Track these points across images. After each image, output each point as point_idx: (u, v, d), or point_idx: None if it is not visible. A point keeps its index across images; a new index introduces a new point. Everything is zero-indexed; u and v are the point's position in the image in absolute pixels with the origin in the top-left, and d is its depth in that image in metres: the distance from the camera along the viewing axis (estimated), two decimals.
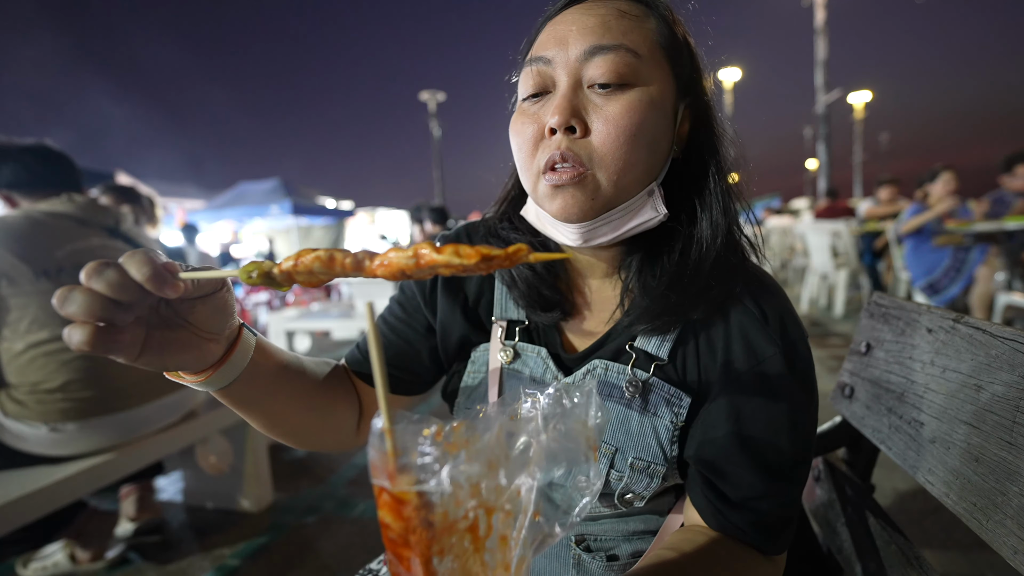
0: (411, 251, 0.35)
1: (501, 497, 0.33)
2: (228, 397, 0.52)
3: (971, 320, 0.58)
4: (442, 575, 0.31)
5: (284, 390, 0.56)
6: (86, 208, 1.60)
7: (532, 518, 0.35)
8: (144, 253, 0.38)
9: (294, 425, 0.60)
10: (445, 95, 19.49)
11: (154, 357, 0.42)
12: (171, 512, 2.03)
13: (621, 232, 0.54)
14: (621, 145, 0.50)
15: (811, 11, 13.52)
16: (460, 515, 0.31)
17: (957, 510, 0.55)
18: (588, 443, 0.36)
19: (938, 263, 3.90)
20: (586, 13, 0.52)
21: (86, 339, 0.36)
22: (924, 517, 1.73)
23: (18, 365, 1.44)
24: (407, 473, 0.30)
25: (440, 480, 0.30)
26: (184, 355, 0.44)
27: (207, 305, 0.44)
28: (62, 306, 0.36)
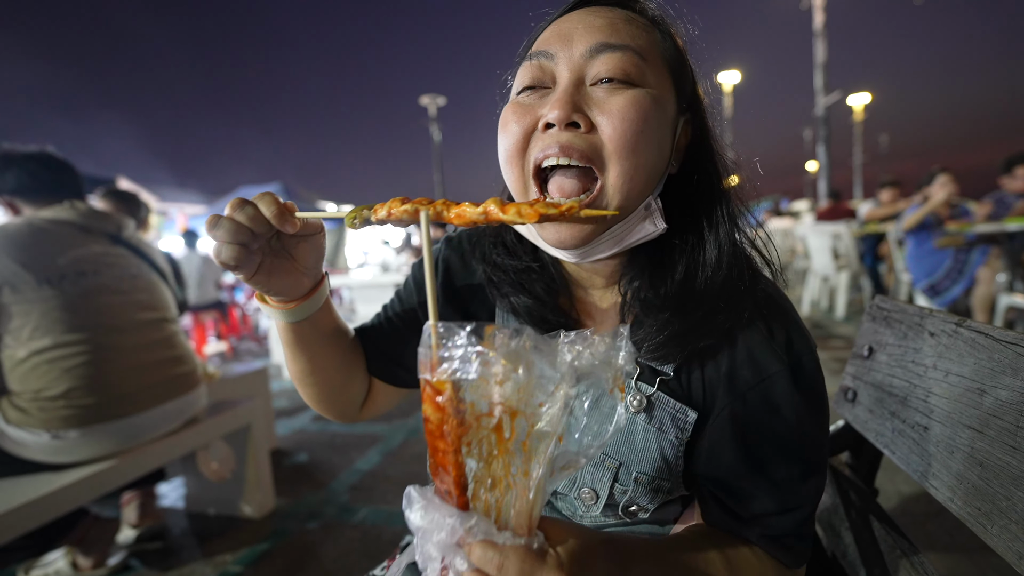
0: (482, 208, 0.44)
1: (525, 401, 0.37)
2: (296, 332, 0.61)
3: (974, 324, 0.58)
4: (469, 468, 0.37)
5: (332, 342, 0.65)
6: (88, 215, 1.60)
7: (557, 440, 0.38)
8: (271, 195, 0.49)
9: (325, 379, 0.67)
10: (445, 99, 19.54)
11: (263, 278, 0.52)
12: (173, 518, 2.02)
13: (620, 247, 0.53)
14: (631, 139, 0.47)
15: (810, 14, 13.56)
16: (486, 410, 0.36)
17: (962, 515, 0.55)
18: (615, 380, 0.39)
19: (939, 264, 3.90)
20: (593, 14, 0.52)
21: (233, 254, 0.47)
22: (928, 520, 1.72)
23: (20, 372, 1.44)
24: (445, 365, 0.36)
25: (469, 371, 0.35)
26: (284, 280, 0.54)
27: (307, 243, 0.54)
28: (212, 230, 0.47)
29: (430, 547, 0.38)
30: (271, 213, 0.48)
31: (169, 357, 1.69)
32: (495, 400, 0.36)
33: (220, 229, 0.47)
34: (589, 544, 0.42)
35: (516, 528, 0.38)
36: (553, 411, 0.37)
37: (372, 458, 2.49)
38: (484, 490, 0.38)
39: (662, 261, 0.56)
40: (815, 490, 0.54)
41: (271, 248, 0.53)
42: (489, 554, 0.37)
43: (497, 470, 0.38)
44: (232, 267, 0.48)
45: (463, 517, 0.38)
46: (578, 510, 0.59)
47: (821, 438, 0.54)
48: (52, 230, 1.51)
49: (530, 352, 0.37)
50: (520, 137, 0.51)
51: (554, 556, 0.39)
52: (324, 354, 0.65)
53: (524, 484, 0.38)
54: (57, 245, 1.50)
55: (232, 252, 0.47)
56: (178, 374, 1.71)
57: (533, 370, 0.37)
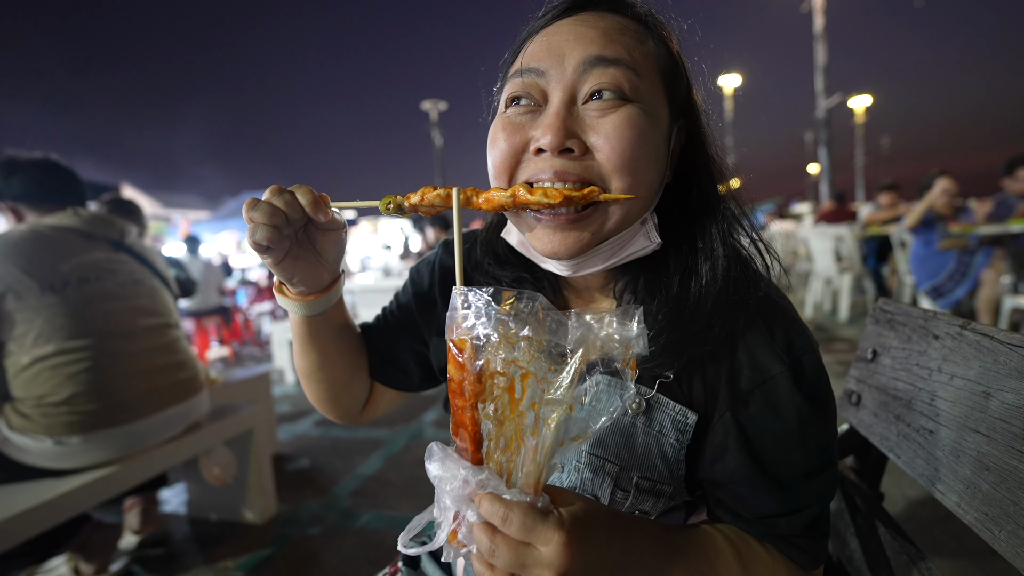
0: (510, 191, 0.48)
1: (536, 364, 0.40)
2: (311, 327, 0.63)
3: (979, 327, 0.58)
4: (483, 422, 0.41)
5: (342, 339, 0.67)
6: (91, 222, 1.61)
7: (567, 410, 0.40)
8: (307, 187, 0.52)
9: (332, 376, 0.69)
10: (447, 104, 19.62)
11: (290, 263, 0.55)
12: (175, 524, 2.02)
13: (613, 261, 0.53)
14: (629, 159, 0.47)
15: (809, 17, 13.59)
16: (500, 368, 0.40)
17: (968, 520, 0.55)
18: (625, 355, 0.41)
19: (943, 266, 3.89)
20: (584, 24, 0.50)
21: (266, 234, 0.50)
22: (935, 525, 1.71)
23: (24, 379, 1.45)
24: (466, 325, 0.40)
25: (487, 328, 0.39)
26: (307, 271, 0.57)
27: (331, 237, 0.57)
28: (250, 211, 0.50)
29: (446, 497, 0.42)
30: (306, 201, 0.51)
31: (171, 362, 1.69)
32: (508, 359, 0.40)
33: (257, 211, 0.50)
34: (592, 511, 0.43)
35: (524, 487, 0.41)
36: (564, 380, 0.40)
37: (374, 463, 2.49)
38: (497, 450, 0.42)
39: (657, 271, 0.55)
40: (824, 489, 0.54)
41: (298, 238, 0.55)
42: (496, 507, 0.39)
43: (509, 431, 0.41)
44: (263, 249, 0.51)
45: (476, 471, 0.41)
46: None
47: (826, 437, 0.53)
48: (55, 237, 1.52)
49: (543, 318, 0.40)
50: (509, 156, 0.50)
51: (556, 516, 0.40)
52: (334, 350, 0.67)
53: (533, 446, 0.40)
54: (61, 252, 1.51)
55: (266, 233, 0.49)
56: (180, 379, 1.71)
57: (543, 334, 0.40)
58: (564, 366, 0.40)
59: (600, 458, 0.56)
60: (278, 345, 4.22)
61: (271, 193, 0.51)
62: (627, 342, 0.41)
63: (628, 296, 0.57)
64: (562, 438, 0.41)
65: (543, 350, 0.40)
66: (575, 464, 0.57)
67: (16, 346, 1.44)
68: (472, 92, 0.63)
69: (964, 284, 3.75)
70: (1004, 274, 3.56)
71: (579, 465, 0.57)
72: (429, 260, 0.74)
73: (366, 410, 0.76)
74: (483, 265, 0.64)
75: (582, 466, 0.56)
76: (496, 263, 0.63)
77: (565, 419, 0.40)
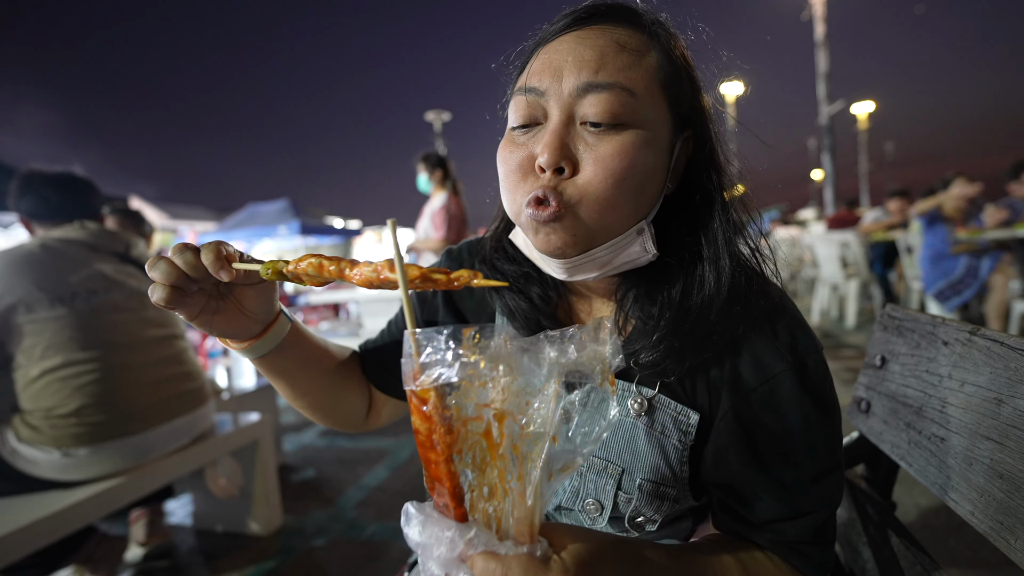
0: (374, 267, 0.43)
1: (511, 402, 0.36)
2: (262, 366, 0.62)
3: (988, 332, 0.57)
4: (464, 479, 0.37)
5: (308, 369, 0.65)
6: (97, 235, 1.63)
7: (551, 441, 0.37)
8: (216, 244, 0.49)
9: (314, 400, 0.68)
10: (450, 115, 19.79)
11: (207, 319, 0.53)
12: (180, 536, 2.02)
13: (607, 270, 0.53)
14: (608, 188, 0.48)
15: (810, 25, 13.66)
16: (473, 414, 0.36)
17: (983, 529, 0.54)
18: (603, 372, 0.39)
19: (953, 270, 3.86)
20: (583, 43, 0.50)
21: (164, 296, 0.48)
22: (948, 535, 1.68)
23: (33, 391, 1.46)
24: (427, 372, 0.35)
25: (451, 376, 0.35)
26: (228, 325, 0.55)
27: (252, 290, 0.55)
28: (150, 270, 0.48)
29: (432, 564, 0.37)
30: (209, 260, 0.48)
31: (178, 373, 1.70)
32: (480, 403, 0.36)
33: (156, 270, 0.48)
34: (595, 547, 0.41)
35: (517, 536, 0.37)
36: (543, 410, 0.37)
37: (379, 473, 2.48)
38: (482, 500, 0.37)
39: (659, 278, 0.55)
40: (830, 494, 0.53)
41: (218, 292, 0.54)
42: (491, 565, 0.36)
43: (492, 477, 0.37)
44: (165, 307, 0.49)
45: (462, 529, 0.37)
46: (583, 524, 0.58)
47: (832, 440, 0.53)
48: (63, 250, 1.54)
49: (512, 351, 0.36)
50: (518, 176, 0.52)
51: (559, 562, 0.38)
52: (303, 380, 0.66)
53: (521, 489, 0.37)
54: (69, 264, 1.53)
55: (164, 294, 0.48)
56: (187, 390, 1.71)
57: (517, 369, 0.36)
58: (540, 396, 0.37)
59: (603, 460, 0.55)
60: None
61: (175, 251, 0.49)
62: (602, 358, 0.38)
63: (630, 302, 0.57)
64: (550, 471, 0.38)
65: (516, 385, 0.36)
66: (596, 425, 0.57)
67: (25, 358, 1.45)
68: (476, 103, 0.64)
69: (972, 286, 3.73)
70: (1013, 279, 3.53)
71: (581, 468, 0.56)
72: None
73: (369, 420, 0.76)
74: (491, 259, 0.65)
75: (584, 468, 0.56)
76: (506, 258, 0.64)
77: (550, 452, 0.37)
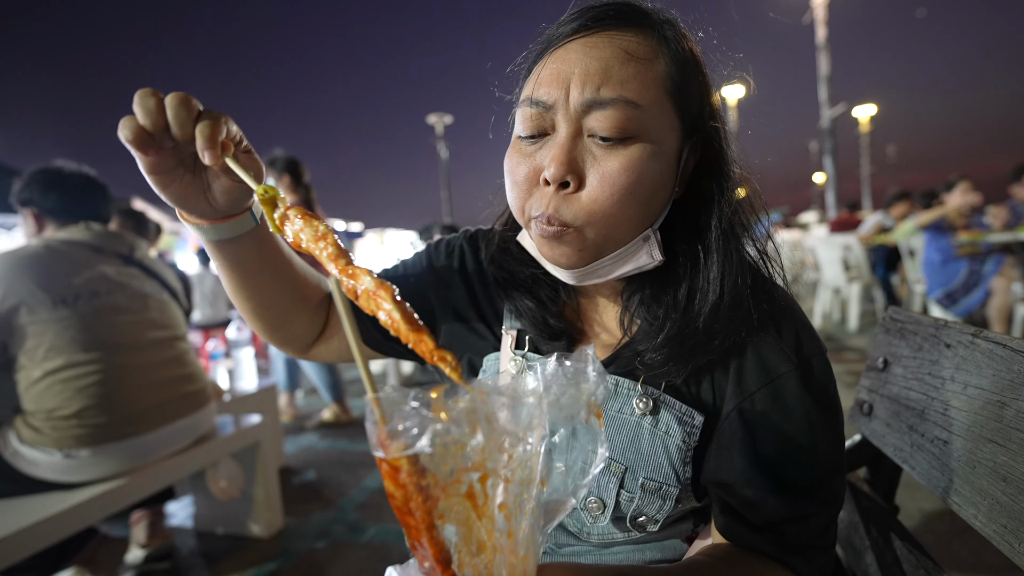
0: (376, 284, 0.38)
1: (493, 459, 0.33)
2: (212, 250, 0.58)
3: (991, 335, 0.57)
4: (449, 539, 0.33)
5: (265, 273, 0.61)
6: (102, 236, 1.64)
7: (539, 486, 0.35)
8: (220, 120, 0.44)
9: (259, 307, 0.64)
10: (452, 118, 19.84)
11: (164, 180, 0.49)
12: (181, 538, 2.01)
13: (615, 275, 0.54)
14: (613, 204, 0.48)
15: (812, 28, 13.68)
16: (451, 478, 0.32)
17: (987, 532, 0.53)
18: (589, 407, 0.37)
19: (955, 274, 3.85)
20: (590, 53, 0.49)
21: (131, 135, 0.43)
22: (952, 539, 1.67)
23: (35, 392, 1.46)
24: (396, 440, 0.31)
25: (423, 444, 0.31)
26: (184, 197, 0.51)
27: (224, 185, 0.52)
28: (138, 101, 0.43)
29: None
30: (203, 135, 0.43)
31: (180, 375, 1.70)
32: (459, 468, 0.33)
33: (142, 107, 0.43)
34: None
35: None
36: (528, 458, 0.34)
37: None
38: (470, 556, 0.35)
39: (665, 281, 0.56)
40: (832, 496, 0.53)
41: (195, 165, 0.50)
42: None
43: (480, 534, 0.34)
44: (128, 143, 0.44)
45: None
46: (585, 523, 0.58)
47: (835, 442, 0.53)
48: (67, 251, 1.54)
49: (488, 405, 0.33)
50: (524, 188, 0.52)
51: None
52: (253, 281, 0.61)
53: (511, 545, 0.34)
54: (72, 266, 1.53)
55: (131, 133, 0.43)
56: (189, 392, 1.72)
57: (495, 424, 0.33)
58: (523, 443, 0.34)
59: (607, 458, 0.55)
60: (283, 358, 4.23)
61: (175, 101, 0.43)
62: (587, 393, 0.36)
63: (636, 303, 0.57)
64: (542, 517, 0.36)
65: (496, 442, 0.33)
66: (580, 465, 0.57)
67: (28, 359, 1.46)
68: (478, 106, 0.64)
69: (976, 292, 3.71)
70: (1016, 282, 3.52)
71: None
72: (451, 243, 0.72)
73: (314, 348, 0.71)
74: (499, 259, 0.65)
75: None
76: (513, 259, 0.63)
77: (539, 498, 0.35)
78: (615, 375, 0.57)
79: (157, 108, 0.43)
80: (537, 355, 0.62)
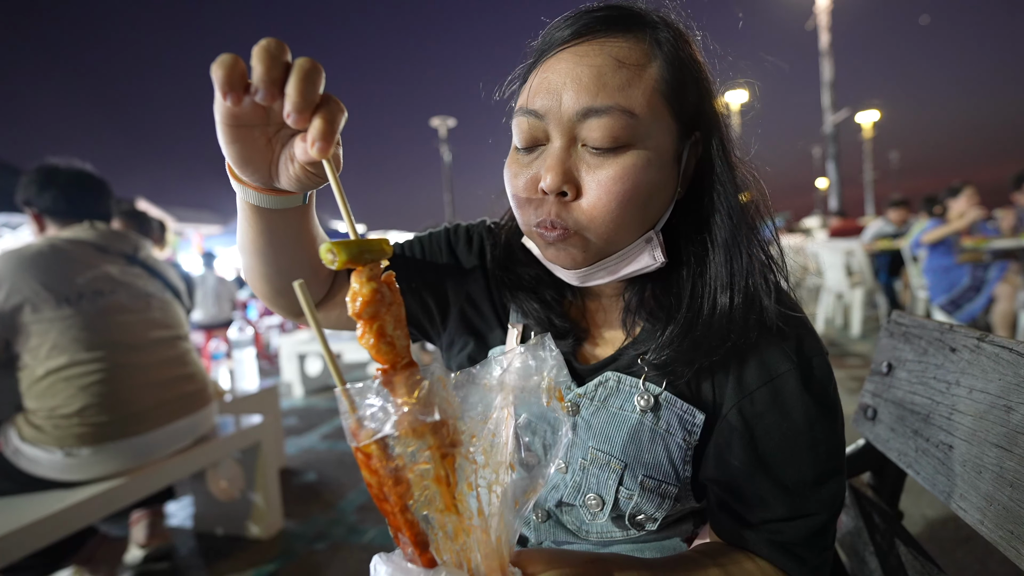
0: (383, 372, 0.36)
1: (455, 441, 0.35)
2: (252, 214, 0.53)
3: (997, 339, 0.57)
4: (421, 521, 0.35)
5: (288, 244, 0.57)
6: (106, 236, 1.64)
7: (508, 468, 0.36)
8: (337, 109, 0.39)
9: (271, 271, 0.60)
10: (456, 121, 19.90)
11: (241, 144, 0.44)
12: (181, 538, 2.01)
13: (618, 276, 0.54)
14: (612, 211, 0.49)
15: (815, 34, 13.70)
16: (419, 459, 0.34)
17: (993, 538, 0.53)
18: (549, 391, 0.38)
19: (958, 280, 3.83)
20: (581, 62, 0.48)
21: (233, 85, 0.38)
22: (956, 547, 1.65)
23: (37, 390, 1.46)
24: (365, 428, 0.33)
25: (387, 428, 0.33)
26: (251, 163, 0.46)
27: (294, 172, 0.46)
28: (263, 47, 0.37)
29: None
30: (321, 122, 0.38)
31: (182, 375, 1.70)
32: (422, 448, 0.34)
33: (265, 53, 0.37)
34: (571, 570, 0.41)
35: (488, 572, 0.37)
36: (495, 440, 0.36)
37: None
38: (447, 540, 0.36)
39: (668, 282, 0.56)
40: (830, 498, 0.52)
41: (279, 136, 0.46)
42: None
43: (453, 520, 0.36)
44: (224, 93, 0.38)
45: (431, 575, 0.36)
46: (584, 521, 0.58)
47: (835, 443, 0.53)
48: (71, 250, 1.55)
49: (448, 390, 0.35)
50: (524, 197, 0.53)
51: None
52: (276, 249, 0.57)
53: (483, 525, 0.36)
54: (76, 265, 1.54)
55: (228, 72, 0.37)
56: (190, 392, 1.72)
57: (455, 408, 0.35)
58: (486, 427, 0.36)
59: (606, 455, 0.55)
60: (287, 358, 4.24)
61: (302, 71, 0.37)
62: (544, 373, 0.37)
63: (638, 304, 0.58)
64: (515, 500, 0.37)
65: (458, 424, 0.36)
66: (580, 462, 0.57)
67: (31, 358, 1.46)
68: (481, 110, 0.64)
69: (979, 299, 3.70)
70: (1020, 289, 3.51)
71: (584, 463, 0.56)
72: (471, 230, 0.71)
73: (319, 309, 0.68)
74: (504, 263, 0.65)
75: (587, 463, 0.56)
76: (517, 261, 0.64)
77: (510, 481, 0.37)
78: (618, 372, 0.57)
79: (274, 63, 0.37)
80: None
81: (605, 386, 0.57)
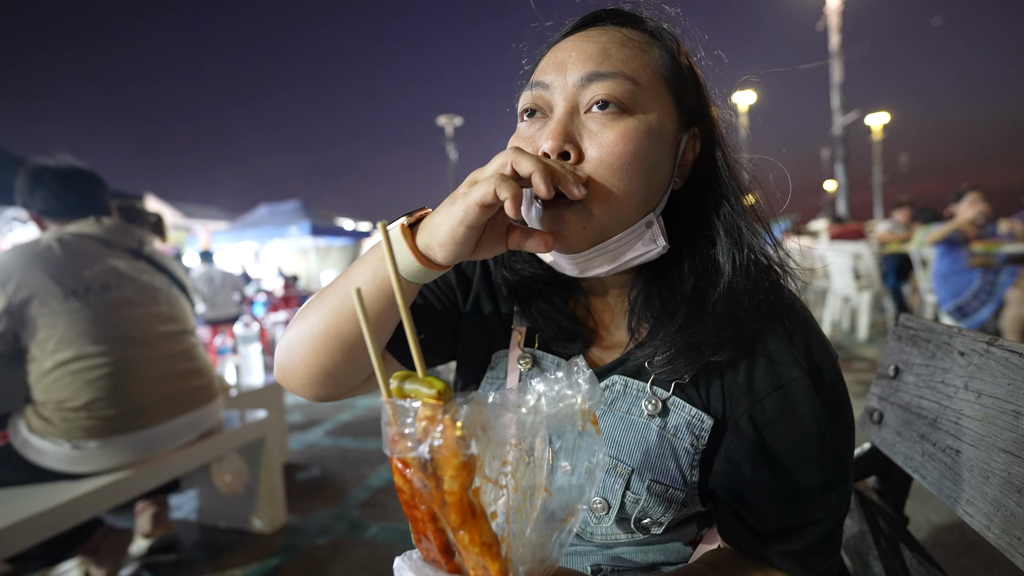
0: None
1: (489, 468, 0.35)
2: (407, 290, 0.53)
3: (1006, 343, 0.56)
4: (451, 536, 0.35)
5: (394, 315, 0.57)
6: (112, 230, 1.66)
7: (545, 494, 0.36)
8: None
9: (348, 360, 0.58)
10: (462, 119, 19.90)
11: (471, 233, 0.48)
12: (185, 531, 2.03)
13: (618, 264, 0.53)
14: (615, 172, 0.48)
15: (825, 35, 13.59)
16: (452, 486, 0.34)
17: (999, 544, 0.52)
18: (583, 415, 0.38)
19: (967, 285, 3.79)
20: (587, 40, 0.52)
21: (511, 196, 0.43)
22: (962, 553, 1.64)
23: (45, 383, 1.48)
24: (403, 441, 0.34)
25: (423, 449, 0.33)
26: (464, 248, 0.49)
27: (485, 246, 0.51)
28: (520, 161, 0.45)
29: None
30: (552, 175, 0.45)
31: (188, 369, 1.72)
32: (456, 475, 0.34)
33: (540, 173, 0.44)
34: None
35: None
36: (529, 466, 0.36)
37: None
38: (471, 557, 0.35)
39: (671, 276, 0.56)
40: (838, 503, 0.52)
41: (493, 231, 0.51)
42: None
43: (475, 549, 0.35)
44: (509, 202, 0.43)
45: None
46: (589, 523, 0.58)
47: (844, 449, 0.52)
48: (78, 245, 1.56)
49: (484, 414, 0.34)
50: None
51: None
52: (391, 319, 0.57)
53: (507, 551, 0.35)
54: (83, 259, 1.55)
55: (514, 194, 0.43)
56: (196, 386, 1.73)
57: (490, 433, 0.34)
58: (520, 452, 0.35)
59: (613, 459, 0.55)
60: None
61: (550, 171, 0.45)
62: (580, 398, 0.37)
63: (642, 301, 0.57)
64: (554, 525, 0.36)
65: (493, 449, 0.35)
66: (586, 465, 0.56)
67: (39, 351, 1.47)
68: (488, 108, 0.64)
69: (989, 304, 3.65)
70: None
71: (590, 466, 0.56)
72: None
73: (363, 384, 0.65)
74: (508, 262, 0.65)
75: None
76: (520, 260, 0.64)
77: (545, 504, 0.36)
78: (626, 376, 0.57)
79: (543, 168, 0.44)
80: (547, 353, 0.62)
81: (612, 390, 0.57)
